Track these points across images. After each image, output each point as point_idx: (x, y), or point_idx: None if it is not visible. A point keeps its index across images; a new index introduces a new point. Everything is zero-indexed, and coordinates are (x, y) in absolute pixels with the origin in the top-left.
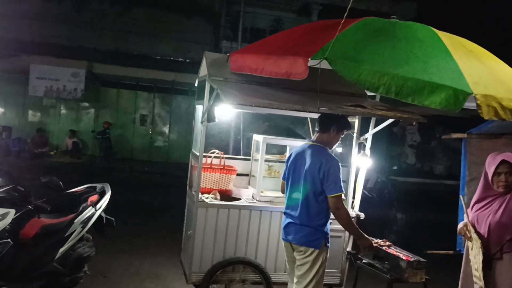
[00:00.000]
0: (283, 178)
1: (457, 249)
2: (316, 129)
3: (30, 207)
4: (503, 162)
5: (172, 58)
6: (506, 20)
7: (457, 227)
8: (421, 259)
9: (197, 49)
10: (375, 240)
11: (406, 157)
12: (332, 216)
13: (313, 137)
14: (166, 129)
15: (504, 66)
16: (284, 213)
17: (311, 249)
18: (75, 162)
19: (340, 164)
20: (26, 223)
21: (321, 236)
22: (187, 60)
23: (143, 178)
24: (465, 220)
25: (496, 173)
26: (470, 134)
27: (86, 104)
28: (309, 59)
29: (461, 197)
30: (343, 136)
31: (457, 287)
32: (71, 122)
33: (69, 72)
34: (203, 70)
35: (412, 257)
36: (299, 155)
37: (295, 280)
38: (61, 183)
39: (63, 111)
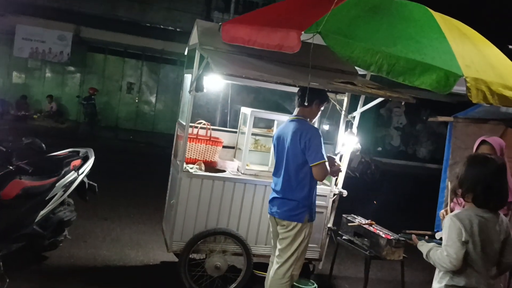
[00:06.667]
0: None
1: (435, 230)
2: (298, 103)
3: (11, 168)
4: (483, 142)
5: (162, 26)
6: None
7: (436, 209)
8: (400, 238)
9: (188, 18)
10: (358, 219)
11: (391, 139)
12: (315, 188)
13: (295, 112)
14: (153, 99)
15: (496, 51)
16: (272, 188)
17: (293, 223)
18: (58, 127)
19: (320, 132)
20: (7, 184)
21: (305, 210)
22: (177, 29)
23: (128, 146)
24: (447, 206)
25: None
26: (456, 118)
27: (72, 69)
28: (302, 32)
29: (448, 183)
30: (323, 109)
31: (433, 266)
32: (56, 85)
33: (55, 34)
34: (194, 38)
35: (391, 236)
36: (282, 132)
37: (276, 253)
38: (43, 145)
39: (48, 74)
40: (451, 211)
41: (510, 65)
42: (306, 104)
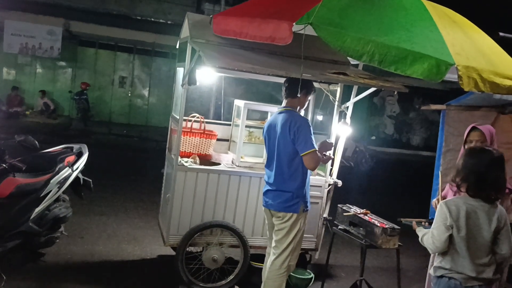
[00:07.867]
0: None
1: (430, 218)
2: (285, 94)
3: (4, 166)
4: (473, 129)
5: (152, 19)
6: None
7: (430, 196)
8: (395, 226)
9: (179, 10)
10: (353, 208)
11: (385, 128)
12: (307, 178)
13: (283, 103)
14: (145, 92)
15: (486, 38)
16: (265, 180)
17: (289, 214)
18: (51, 123)
19: (309, 122)
20: (0, 182)
21: (299, 200)
22: (168, 22)
23: (121, 141)
24: (438, 195)
25: (467, 141)
26: (449, 105)
27: (63, 64)
28: (294, 24)
29: (440, 173)
30: (310, 98)
31: (428, 253)
32: (47, 81)
33: (45, 29)
34: (185, 32)
35: (386, 224)
36: (271, 124)
37: (273, 244)
38: (36, 142)
39: (39, 69)
40: (443, 198)
41: (500, 52)
42: (289, 95)
